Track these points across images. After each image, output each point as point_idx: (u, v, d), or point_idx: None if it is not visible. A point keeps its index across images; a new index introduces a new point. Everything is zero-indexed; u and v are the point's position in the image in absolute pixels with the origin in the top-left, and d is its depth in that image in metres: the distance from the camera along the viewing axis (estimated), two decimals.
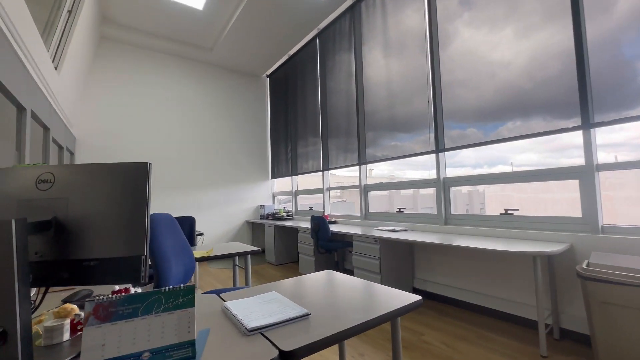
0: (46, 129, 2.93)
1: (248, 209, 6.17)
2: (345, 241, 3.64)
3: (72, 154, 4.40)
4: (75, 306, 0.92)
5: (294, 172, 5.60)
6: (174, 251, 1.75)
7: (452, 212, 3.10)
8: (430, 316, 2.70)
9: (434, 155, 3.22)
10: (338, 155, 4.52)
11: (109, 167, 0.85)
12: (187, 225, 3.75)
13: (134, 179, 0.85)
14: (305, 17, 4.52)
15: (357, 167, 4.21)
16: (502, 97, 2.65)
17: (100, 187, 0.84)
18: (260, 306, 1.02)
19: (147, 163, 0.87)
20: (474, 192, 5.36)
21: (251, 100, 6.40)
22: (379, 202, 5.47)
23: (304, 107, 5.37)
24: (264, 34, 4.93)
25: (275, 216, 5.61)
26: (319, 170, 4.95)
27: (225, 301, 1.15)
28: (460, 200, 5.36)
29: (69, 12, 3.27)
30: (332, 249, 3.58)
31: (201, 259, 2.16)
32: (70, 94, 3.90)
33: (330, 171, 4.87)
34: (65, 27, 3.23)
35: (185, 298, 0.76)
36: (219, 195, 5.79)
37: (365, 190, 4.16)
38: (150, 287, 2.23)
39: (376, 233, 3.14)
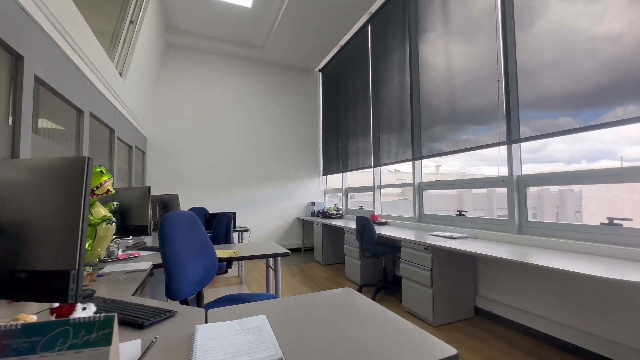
0: (111, 130, 3.22)
1: (299, 206, 6.13)
2: (393, 246, 3.25)
3: (143, 152, 4.89)
4: (32, 317, 0.84)
5: (345, 168, 5.33)
6: (191, 251, 1.67)
7: (530, 217, 2.47)
8: (495, 347, 2.18)
9: (505, 148, 2.62)
10: (390, 151, 4.10)
11: (45, 162, 0.73)
12: (225, 221, 3.80)
13: (68, 177, 0.71)
14: (354, 1, 4.19)
15: (410, 163, 3.75)
16: (609, 78, 2.00)
17: (36, 186, 0.73)
18: (233, 337, 0.81)
19: (86, 158, 0.73)
20: (566, 191, 4.29)
21: (303, 95, 6.33)
22: (443, 202, 4.87)
23: (354, 100, 5.05)
24: (313, 25, 4.75)
25: (325, 214, 5.44)
26: (369, 167, 4.59)
27: (206, 319, 0.97)
28: (549, 201, 4.34)
29: (132, 22, 3.56)
30: (378, 253, 3.23)
31: (224, 260, 2.08)
32: (139, 98, 4.31)
33: (388, 167, 4.47)
34: (127, 36, 3.53)
35: (100, 333, 0.58)
36: (271, 192, 5.86)
37: (419, 188, 3.68)
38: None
39: (430, 239, 2.69)
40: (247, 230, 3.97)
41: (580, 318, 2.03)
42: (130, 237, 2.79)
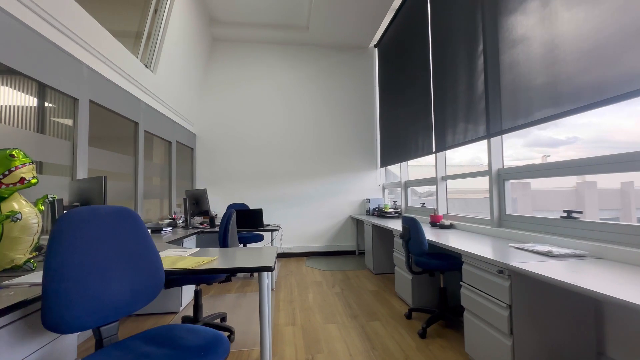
0: (135, 123, 3.13)
1: (353, 203, 5.39)
2: (457, 259, 2.28)
3: (191, 149, 4.93)
4: None
5: (404, 157, 4.36)
6: (107, 263, 1.19)
7: None
8: None
9: None
10: (456, 131, 3.03)
11: None
12: (252, 217, 3.37)
13: None
14: None
15: (485, 143, 2.65)
16: None
17: None
18: None
19: None
20: None
21: (357, 77, 5.55)
22: (542, 199, 3.57)
23: (413, 75, 4.04)
24: None
25: (381, 212, 4.59)
26: (431, 153, 3.56)
27: None
28: None
29: (156, 11, 3.43)
30: (432, 268, 2.30)
31: (171, 273, 1.56)
32: (181, 93, 4.28)
33: (459, 157, 3.40)
34: (152, 27, 3.41)
35: None
36: (321, 187, 5.30)
37: (498, 177, 2.55)
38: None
39: (512, 256, 1.69)
40: (276, 230, 3.47)
41: None
42: None
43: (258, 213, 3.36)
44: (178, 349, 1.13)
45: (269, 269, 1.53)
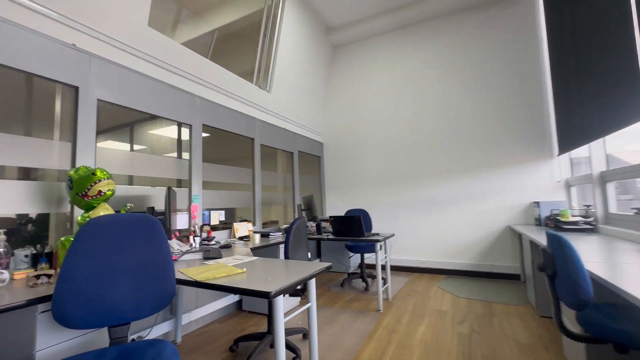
0: (251, 139, 3.56)
1: (513, 207, 3.91)
2: None
3: (318, 157, 5.16)
4: None
5: (593, 135, 2.70)
6: (114, 270, 1.27)
7: None
8: None
9: None
10: None
11: None
12: (352, 226, 2.99)
13: None
14: None
15: None
16: None
17: None
18: None
19: None
20: None
21: (508, 40, 4.08)
22: None
23: (606, 11, 2.45)
24: None
25: (557, 223, 3.05)
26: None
27: None
28: None
29: (265, 36, 3.81)
30: (608, 336, 1.16)
31: (184, 283, 1.46)
32: (301, 106, 4.58)
33: None
34: (263, 51, 3.80)
35: None
36: (465, 187, 4.19)
37: None
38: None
39: None
40: (378, 241, 2.91)
41: None
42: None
43: (356, 221, 2.97)
44: None
45: (264, 295, 1.20)
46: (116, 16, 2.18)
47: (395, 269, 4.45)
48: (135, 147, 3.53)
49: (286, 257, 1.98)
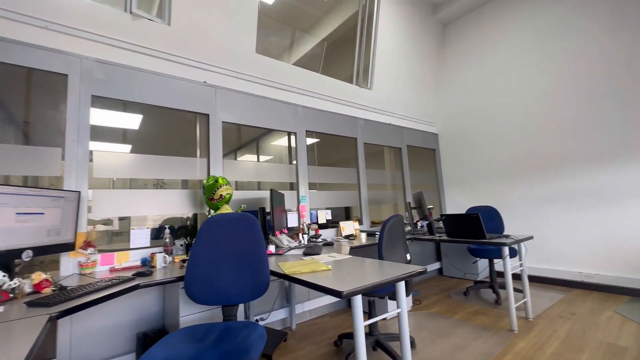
0: (353, 138, 3.61)
1: None
2: None
3: (434, 150, 4.71)
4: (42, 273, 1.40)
5: None
6: (221, 259, 1.54)
7: None
8: None
9: None
10: None
11: None
12: (472, 226, 2.55)
13: None
14: None
15: None
16: None
17: None
18: None
19: None
20: None
21: None
22: None
23: None
24: None
25: None
26: None
27: None
28: None
29: (361, 34, 3.79)
30: None
31: (276, 274, 1.55)
32: (416, 100, 4.31)
33: None
34: (361, 48, 3.79)
35: None
36: (621, 177, 2.92)
37: None
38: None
39: None
40: (503, 244, 2.32)
41: None
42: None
43: (473, 220, 2.49)
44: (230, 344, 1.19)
45: (337, 293, 1.17)
46: (231, 50, 2.66)
47: (544, 281, 3.49)
48: (262, 157, 4.18)
49: (380, 257, 1.88)
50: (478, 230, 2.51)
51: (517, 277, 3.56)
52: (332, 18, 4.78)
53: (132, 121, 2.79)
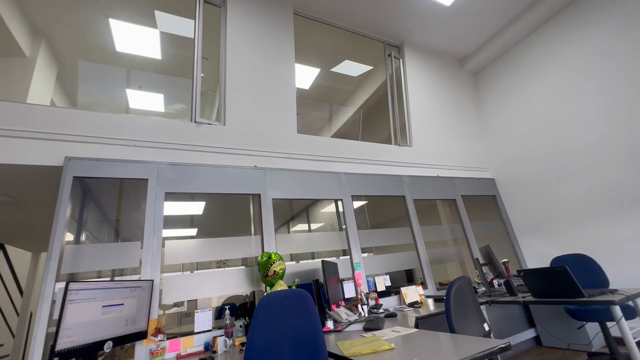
0: (402, 197, 3.54)
1: None
2: None
3: (493, 196, 4.35)
4: None
5: None
6: (277, 342, 1.50)
7: None
8: None
9: None
10: None
11: None
12: (559, 282, 2.15)
13: None
14: None
15: None
16: None
17: None
18: None
19: None
20: None
21: None
22: None
23: None
24: None
25: None
26: None
27: None
28: None
29: (392, 98, 4.03)
30: None
31: (334, 356, 1.41)
32: (462, 148, 4.22)
33: None
34: (394, 109, 3.96)
35: None
36: None
37: None
38: None
39: None
40: (611, 303, 1.84)
41: None
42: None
43: (561, 274, 2.08)
44: None
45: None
46: (275, 136, 3.00)
47: None
48: (313, 225, 4.26)
49: (451, 330, 1.65)
50: (571, 286, 2.10)
51: None
52: (364, 89, 5.21)
53: (197, 208, 3.15)
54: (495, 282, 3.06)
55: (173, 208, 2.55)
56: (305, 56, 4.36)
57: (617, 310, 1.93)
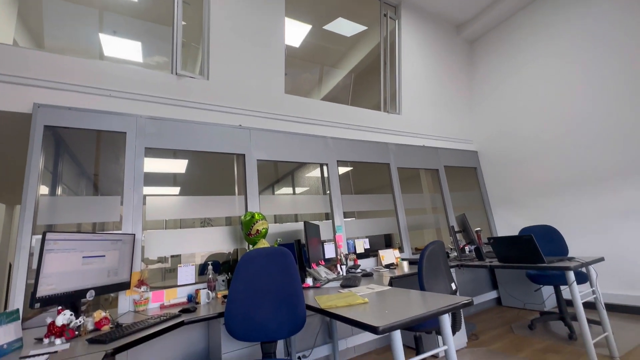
0: (387, 164, 3.58)
1: None
2: None
3: (475, 168, 4.47)
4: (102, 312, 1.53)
5: None
6: (258, 294, 1.58)
7: None
8: None
9: None
10: None
11: None
12: (525, 250, 2.31)
13: None
14: None
15: None
16: None
17: None
18: None
19: None
20: None
21: None
22: None
23: None
24: None
25: None
26: None
27: None
28: None
29: (385, 63, 3.90)
30: None
31: (311, 309, 1.51)
32: (450, 119, 4.23)
33: None
34: (385, 75, 3.87)
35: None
36: None
37: None
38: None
39: None
40: (567, 268, 2.03)
41: None
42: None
43: (527, 242, 2.24)
44: None
45: (372, 329, 1.12)
46: (262, 95, 2.89)
47: (630, 310, 2.96)
48: (297, 189, 4.29)
49: (421, 288, 1.77)
50: (534, 253, 2.26)
51: (593, 306, 3.07)
52: (357, 51, 5.00)
53: (179, 166, 3.08)
54: (467, 248, 3.25)
55: (154, 165, 2.49)
56: (296, 9, 4.07)
57: (571, 275, 2.12)
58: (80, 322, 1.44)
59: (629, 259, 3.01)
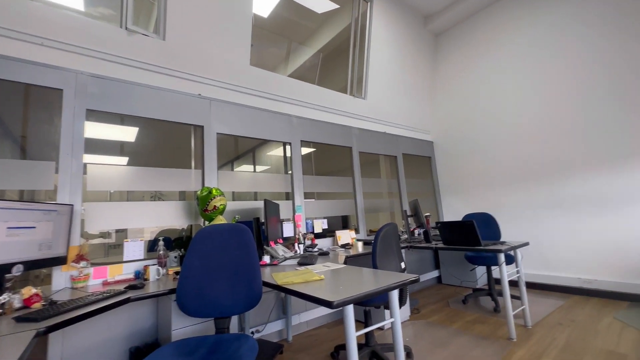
0: (349, 147, 3.63)
1: None
2: None
3: (429, 157, 4.73)
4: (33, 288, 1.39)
5: None
6: (215, 270, 1.54)
7: None
8: None
9: None
10: None
11: None
12: (467, 233, 2.54)
13: None
14: None
15: None
16: None
17: None
18: None
19: None
20: None
21: None
22: None
23: None
24: None
25: None
26: None
27: None
28: None
29: (354, 46, 3.87)
30: None
31: (268, 285, 1.54)
32: (411, 108, 4.36)
33: None
34: (354, 58, 3.85)
35: None
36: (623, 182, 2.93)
37: None
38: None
39: None
40: (498, 251, 2.32)
41: None
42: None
43: (468, 227, 2.49)
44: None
45: (327, 304, 1.16)
46: (225, 63, 2.70)
47: (543, 287, 3.47)
48: (258, 167, 4.19)
49: (374, 266, 1.88)
50: (473, 237, 2.51)
51: (516, 284, 3.53)
52: (327, 30, 4.87)
53: (128, 134, 2.81)
54: (417, 231, 3.49)
55: (98, 130, 2.23)
56: None
57: (501, 257, 2.39)
58: (4, 299, 1.29)
59: (547, 244, 3.48)
